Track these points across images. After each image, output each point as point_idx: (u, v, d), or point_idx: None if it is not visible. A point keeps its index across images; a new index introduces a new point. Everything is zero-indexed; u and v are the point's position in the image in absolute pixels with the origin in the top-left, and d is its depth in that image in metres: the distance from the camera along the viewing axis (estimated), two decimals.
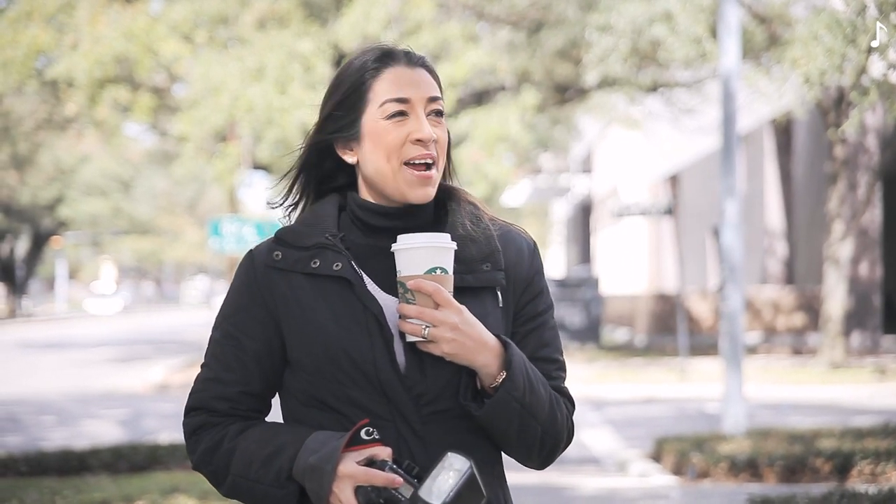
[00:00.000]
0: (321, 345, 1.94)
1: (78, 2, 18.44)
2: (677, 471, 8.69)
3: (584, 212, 43.04)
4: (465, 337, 1.90)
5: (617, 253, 36.24)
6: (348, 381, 1.94)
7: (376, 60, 2.01)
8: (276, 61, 17.76)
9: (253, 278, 2.00)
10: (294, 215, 2.10)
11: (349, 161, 2.02)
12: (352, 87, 2.00)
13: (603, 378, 16.54)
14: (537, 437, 1.99)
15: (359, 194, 2.03)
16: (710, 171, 24.98)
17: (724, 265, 10.01)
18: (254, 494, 1.95)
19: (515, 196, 40.36)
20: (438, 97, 2.01)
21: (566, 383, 2.12)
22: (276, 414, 2.06)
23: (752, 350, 19.72)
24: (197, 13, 18.68)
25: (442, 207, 2.07)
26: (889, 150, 19.32)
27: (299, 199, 2.09)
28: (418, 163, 1.97)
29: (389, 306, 1.96)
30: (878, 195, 19.40)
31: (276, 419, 2.05)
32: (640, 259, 32.59)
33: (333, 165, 2.06)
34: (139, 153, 47.75)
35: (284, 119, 17.41)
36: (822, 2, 13.75)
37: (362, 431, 1.88)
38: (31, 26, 18.27)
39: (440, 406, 1.95)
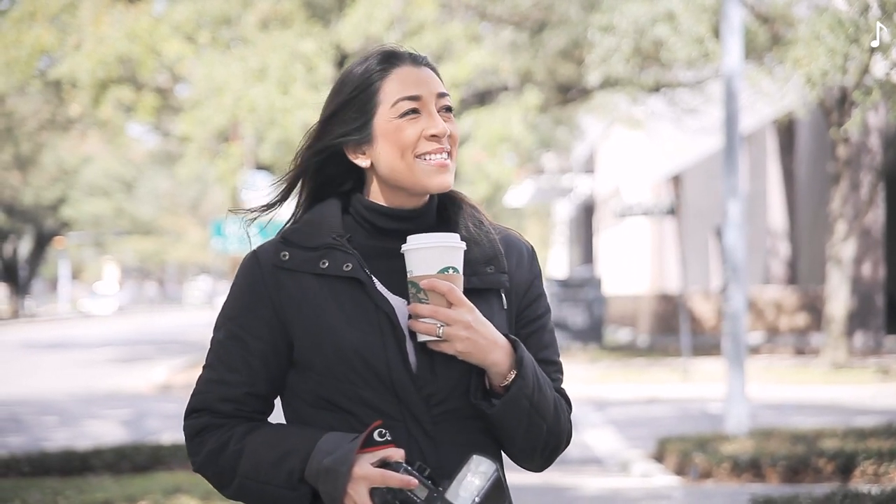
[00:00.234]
0: (332, 345, 1.94)
1: (81, 2, 18.46)
2: (680, 471, 8.69)
3: (587, 212, 43.03)
4: (478, 335, 1.91)
5: (619, 253, 36.23)
6: (360, 382, 1.94)
7: (382, 62, 2.02)
8: (279, 62, 17.77)
9: (259, 278, 1.99)
10: (276, 214, 2.11)
11: (361, 164, 2.02)
12: (359, 89, 2.01)
13: (605, 378, 16.54)
14: (542, 437, 2.00)
15: (365, 196, 2.03)
16: (713, 171, 24.97)
17: (726, 265, 10.01)
18: (263, 496, 1.94)
19: (518, 196, 40.35)
20: (447, 93, 2.03)
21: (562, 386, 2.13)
22: (276, 415, 2.05)
23: (754, 350, 19.71)
24: (200, 13, 18.69)
25: (443, 211, 2.07)
26: (892, 149, 19.31)
27: (284, 199, 2.09)
28: (434, 157, 1.98)
29: (399, 306, 1.96)
30: (881, 195, 19.38)
31: (276, 420, 2.04)
32: (642, 259, 32.58)
33: (338, 171, 2.06)
34: (142, 154, 47.80)
35: (287, 119, 17.42)
36: (825, 2, 13.74)
37: (375, 433, 1.88)
38: (34, 26, 18.28)
39: (450, 406, 1.96)
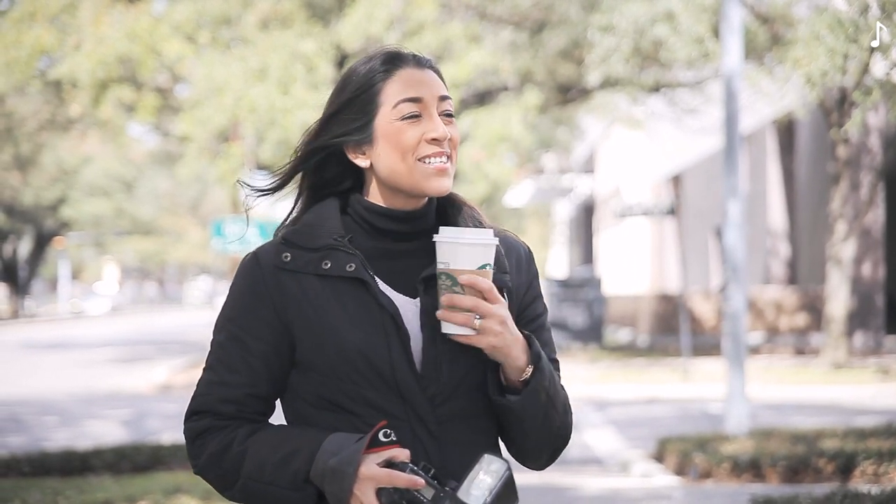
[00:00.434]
0: (335, 345, 1.94)
1: (81, 2, 18.46)
2: (680, 471, 8.69)
3: (587, 212, 43.04)
4: (508, 331, 1.93)
5: (619, 253, 36.23)
6: (364, 382, 1.94)
7: (385, 63, 2.02)
8: (279, 62, 17.78)
9: (260, 279, 1.98)
10: (266, 202, 2.12)
11: (361, 164, 2.02)
12: (362, 89, 2.01)
13: (605, 378, 16.54)
14: (554, 430, 2.01)
15: (364, 197, 2.03)
16: (713, 171, 24.98)
17: (726, 265, 10.01)
18: (267, 497, 1.94)
19: (518, 196, 40.35)
20: (449, 97, 2.03)
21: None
22: (277, 417, 2.06)
23: (754, 350, 19.71)
24: (200, 14, 18.70)
25: (442, 212, 2.07)
26: (892, 149, 19.31)
27: (280, 188, 2.09)
28: (434, 160, 1.98)
29: (403, 306, 1.97)
30: (880, 195, 19.39)
31: (277, 421, 2.04)
32: (642, 259, 32.59)
33: (337, 170, 2.06)
34: (142, 154, 47.78)
35: (287, 119, 17.42)
36: (825, 2, 13.75)
37: (380, 433, 1.88)
38: (34, 27, 18.29)
39: (454, 406, 1.96)
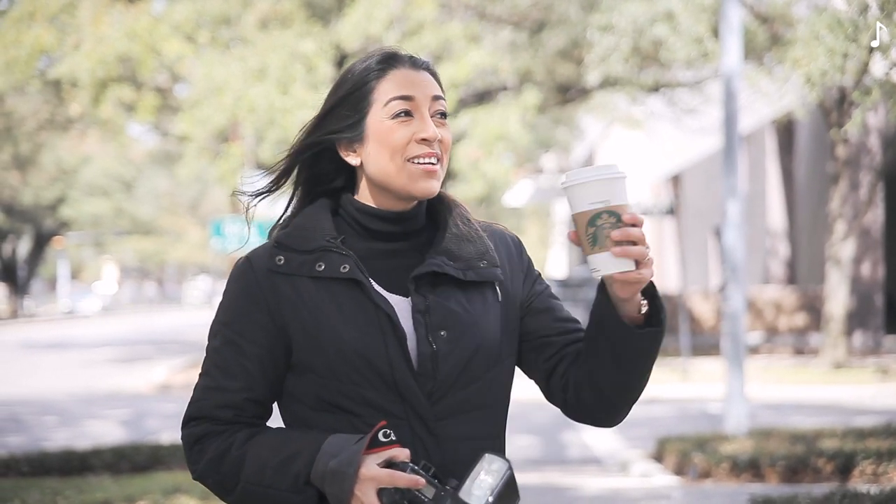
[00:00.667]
0: (333, 346, 1.94)
1: (80, 2, 18.46)
2: (679, 471, 8.70)
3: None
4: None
5: None
6: (362, 382, 1.94)
7: (381, 62, 2.02)
8: (279, 62, 17.78)
9: (253, 283, 1.99)
10: (265, 201, 2.12)
11: (352, 163, 2.02)
12: (356, 87, 2.01)
13: None
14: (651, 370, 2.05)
15: (355, 197, 2.04)
16: (712, 171, 24.98)
17: (725, 265, 10.01)
18: (268, 501, 1.94)
19: (517, 196, 40.33)
20: (442, 97, 2.03)
21: None
22: (276, 420, 2.06)
23: (754, 350, 19.72)
24: (199, 13, 18.69)
25: (432, 211, 2.08)
26: (891, 149, 19.30)
27: (275, 188, 2.10)
28: (423, 161, 1.98)
29: (396, 305, 1.97)
30: (880, 195, 19.39)
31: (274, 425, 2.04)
32: None
33: (330, 167, 2.07)
34: (141, 153, 47.78)
35: (287, 119, 17.42)
36: (824, 1, 13.75)
37: (380, 434, 1.88)
38: (33, 26, 18.29)
39: (450, 402, 1.97)
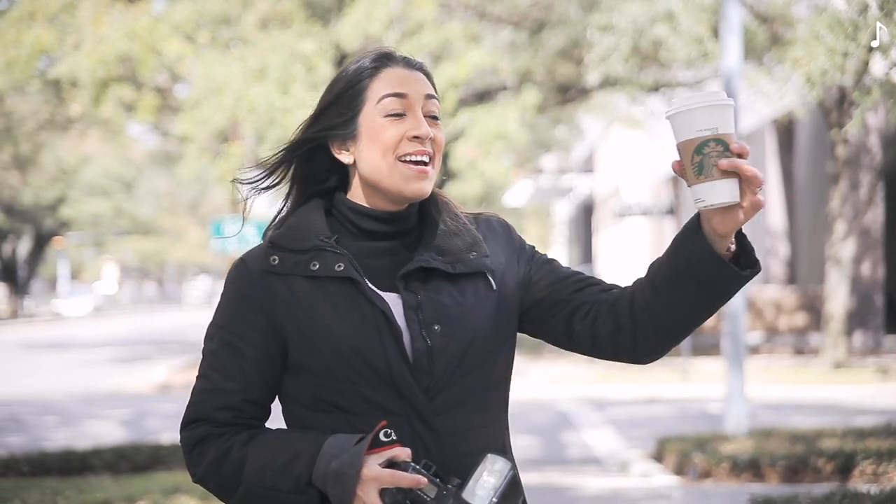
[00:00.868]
0: (329, 345, 1.94)
1: (80, 2, 18.46)
2: (679, 471, 8.69)
3: (586, 212, 43.05)
4: None
5: (619, 253, 36.24)
6: (360, 380, 1.94)
7: (375, 61, 2.03)
8: (279, 61, 17.78)
9: (248, 284, 1.99)
10: (263, 195, 2.14)
11: (345, 161, 2.03)
12: (349, 84, 2.02)
13: (605, 378, 16.54)
14: None
15: (348, 196, 2.05)
16: None
17: None
18: (271, 502, 1.94)
19: (517, 196, 40.35)
20: (436, 98, 2.03)
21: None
22: (277, 421, 2.05)
23: (754, 350, 19.71)
24: (199, 13, 18.69)
25: (423, 209, 2.09)
26: (891, 149, 19.30)
27: (276, 185, 2.12)
28: (415, 159, 1.99)
29: (392, 303, 1.98)
30: (880, 195, 19.39)
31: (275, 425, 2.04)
32: (641, 259, 32.59)
33: (323, 166, 2.08)
34: (141, 153, 47.79)
35: (287, 119, 17.42)
36: (824, 1, 13.75)
37: (381, 433, 1.88)
38: (33, 26, 18.29)
39: (448, 396, 1.97)
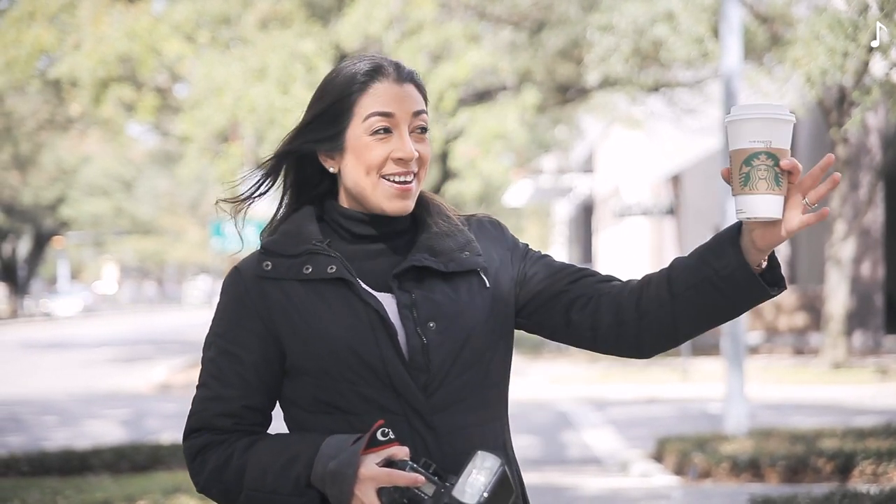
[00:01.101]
0: (326, 346, 1.95)
1: (80, 1, 18.46)
2: (679, 471, 8.70)
3: (586, 212, 43.04)
4: None
5: (619, 253, 36.22)
6: (358, 380, 1.95)
7: (364, 74, 2.02)
8: (279, 61, 17.77)
9: (243, 291, 2.01)
10: (266, 202, 2.15)
11: (330, 170, 2.05)
12: (338, 98, 2.02)
13: (605, 378, 16.54)
14: None
15: (339, 202, 2.06)
16: (712, 171, 24.95)
17: None
18: None
19: (517, 196, 40.33)
20: (423, 111, 2.04)
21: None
22: (279, 426, 2.06)
23: (753, 350, 19.72)
24: (199, 13, 18.69)
25: (415, 211, 2.10)
26: (891, 149, 19.31)
27: (268, 192, 2.13)
28: (398, 179, 2.00)
29: (385, 302, 1.99)
30: (880, 195, 19.39)
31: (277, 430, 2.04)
32: (641, 259, 32.58)
33: (314, 171, 2.09)
34: (141, 153, 47.79)
35: (287, 119, 17.42)
36: (824, 1, 13.75)
37: (378, 433, 1.88)
38: (33, 26, 18.28)
39: (445, 393, 1.98)
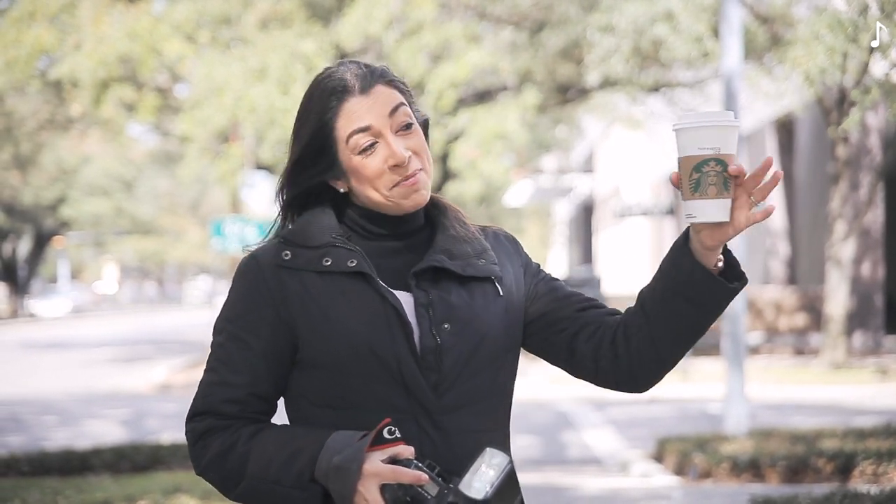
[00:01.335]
0: (344, 340, 1.95)
1: (81, 2, 18.47)
2: (679, 471, 8.70)
3: (586, 212, 43.06)
4: None
5: (619, 253, 36.23)
6: (370, 376, 1.95)
7: (333, 97, 2.01)
8: (279, 62, 17.78)
9: (260, 279, 1.99)
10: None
11: (341, 190, 2.05)
12: (315, 132, 2.02)
13: None
14: None
15: (354, 202, 2.06)
16: None
17: None
18: (273, 497, 1.94)
19: (517, 196, 40.35)
20: (400, 104, 2.02)
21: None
22: (280, 417, 2.06)
23: (754, 350, 19.72)
24: (200, 13, 18.70)
25: (429, 213, 2.11)
26: (891, 150, 19.31)
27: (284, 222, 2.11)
28: (404, 181, 2.00)
29: (402, 300, 1.99)
30: (880, 195, 19.39)
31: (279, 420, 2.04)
32: (642, 259, 32.59)
33: (325, 187, 2.07)
34: (142, 153, 47.79)
35: (287, 119, 17.42)
36: (825, 2, 13.76)
37: (384, 431, 1.88)
38: (33, 26, 18.29)
39: (456, 394, 1.98)
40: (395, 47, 18.13)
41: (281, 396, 2.03)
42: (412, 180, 2.00)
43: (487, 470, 1.85)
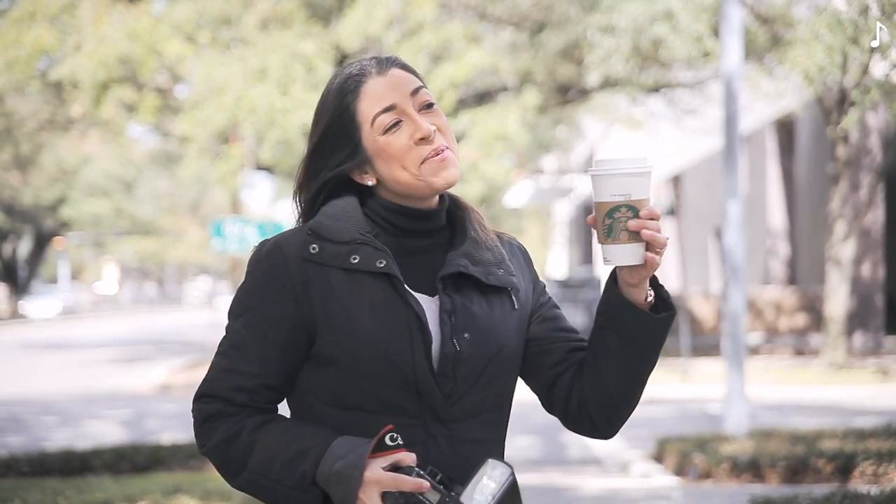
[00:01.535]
0: (362, 341, 1.93)
1: (81, 2, 18.46)
2: (679, 471, 8.70)
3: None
4: None
5: None
6: (384, 381, 1.94)
7: (351, 82, 2.01)
8: (279, 62, 17.78)
9: (283, 269, 1.96)
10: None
11: (369, 183, 2.02)
12: (335, 116, 2.01)
13: None
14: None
15: (380, 195, 2.03)
16: (713, 171, 24.98)
17: (726, 266, 10.01)
18: (274, 495, 1.94)
19: (517, 197, 40.33)
20: (420, 87, 2.02)
21: None
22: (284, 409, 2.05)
23: (754, 351, 19.72)
24: (200, 14, 18.70)
25: (451, 212, 2.09)
26: (892, 150, 19.31)
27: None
28: (433, 157, 1.99)
29: (426, 305, 1.98)
30: (880, 195, 19.39)
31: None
32: None
33: (344, 181, 2.05)
34: (142, 154, 47.78)
35: (287, 120, 17.42)
36: (825, 2, 13.76)
37: (386, 437, 1.87)
38: (34, 26, 18.29)
39: (466, 403, 1.98)
40: (396, 47, 18.12)
41: (291, 389, 2.02)
42: (441, 155, 1.99)
43: (489, 482, 1.85)
